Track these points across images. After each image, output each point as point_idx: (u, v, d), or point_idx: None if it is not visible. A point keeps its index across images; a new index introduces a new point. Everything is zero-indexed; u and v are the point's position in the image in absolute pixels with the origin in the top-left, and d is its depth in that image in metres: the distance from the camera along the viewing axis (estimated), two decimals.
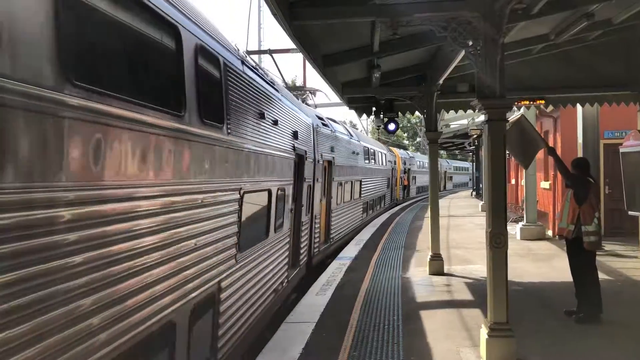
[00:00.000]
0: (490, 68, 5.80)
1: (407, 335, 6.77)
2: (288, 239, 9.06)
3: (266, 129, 7.06)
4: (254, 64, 7.76)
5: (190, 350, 4.43)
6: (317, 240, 12.43)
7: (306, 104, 16.16)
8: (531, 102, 11.22)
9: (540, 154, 17.06)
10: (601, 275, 7.58)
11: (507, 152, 7.49)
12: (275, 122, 7.65)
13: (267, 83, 7.78)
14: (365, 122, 49.66)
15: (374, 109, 12.37)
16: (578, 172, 7.47)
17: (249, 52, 17.51)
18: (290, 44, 7.97)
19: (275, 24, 9.59)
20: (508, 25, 6.29)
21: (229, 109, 5.46)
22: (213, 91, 5.17)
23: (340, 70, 9.85)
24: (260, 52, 29.98)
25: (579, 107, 12.32)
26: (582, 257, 7.26)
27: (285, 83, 17.80)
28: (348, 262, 12.32)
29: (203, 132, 4.60)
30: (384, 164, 26.58)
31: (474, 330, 6.76)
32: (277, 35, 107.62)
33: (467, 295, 8.95)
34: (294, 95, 12.18)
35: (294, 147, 9.12)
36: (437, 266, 10.68)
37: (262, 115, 6.82)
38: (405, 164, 37.92)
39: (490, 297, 5.83)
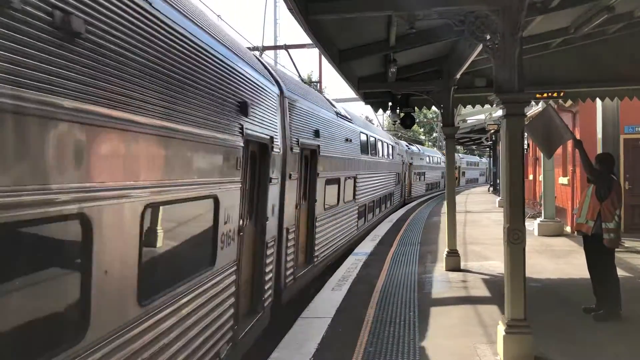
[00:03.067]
0: (508, 62, 5.73)
1: (423, 332, 6.75)
2: (399, 189, 26.92)
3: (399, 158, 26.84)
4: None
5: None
6: (406, 193, 31.04)
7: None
8: (550, 97, 11.07)
9: (559, 150, 16.89)
10: (621, 272, 7.49)
11: (531, 139, 7.34)
12: (403, 157, 28.16)
13: (392, 146, 24.93)
14: (382, 117, 49.70)
15: (390, 103, 12.30)
16: (602, 167, 7.35)
17: (265, 48, 17.55)
18: (306, 39, 7.95)
19: (291, 19, 9.60)
20: (526, 19, 6.22)
21: (394, 153, 24.33)
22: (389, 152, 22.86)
23: (356, 65, 9.80)
24: (276, 47, 30.03)
25: (598, 101, 12.14)
26: (601, 254, 7.16)
27: (301, 78, 17.88)
28: (364, 258, 12.30)
29: (391, 160, 23.68)
30: (439, 163, 44.67)
31: (491, 326, 6.72)
32: (293, 30, 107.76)
33: (483, 292, 8.89)
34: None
35: (402, 159, 27.44)
36: (453, 262, 10.62)
37: (397, 154, 25.89)
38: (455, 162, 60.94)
39: (508, 294, 5.78)
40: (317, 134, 9.99)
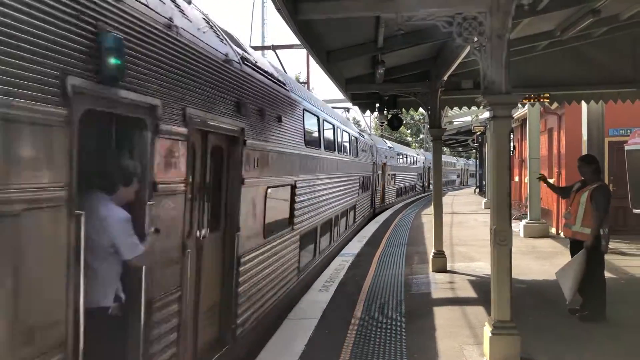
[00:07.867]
0: (496, 64, 5.74)
1: (409, 333, 6.75)
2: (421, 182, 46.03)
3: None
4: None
5: None
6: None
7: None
8: (536, 99, 11.15)
9: (544, 150, 17.03)
10: (605, 274, 7.54)
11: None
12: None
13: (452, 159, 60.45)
14: (369, 119, 49.91)
15: (377, 105, 12.32)
16: (593, 168, 7.36)
17: (253, 48, 17.49)
18: (294, 40, 7.94)
19: (278, 19, 9.59)
20: (514, 21, 6.24)
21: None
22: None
23: (344, 66, 9.79)
24: (263, 47, 29.90)
25: (584, 104, 12.25)
26: (592, 256, 7.15)
27: None
28: (351, 258, 12.29)
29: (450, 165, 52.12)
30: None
31: (477, 328, 6.73)
32: (280, 30, 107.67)
33: (470, 293, 8.91)
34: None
35: (423, 164, 45.86)
36: (440, 263, 10.64)
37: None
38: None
39: (494, 295, 5.79)
40: None
